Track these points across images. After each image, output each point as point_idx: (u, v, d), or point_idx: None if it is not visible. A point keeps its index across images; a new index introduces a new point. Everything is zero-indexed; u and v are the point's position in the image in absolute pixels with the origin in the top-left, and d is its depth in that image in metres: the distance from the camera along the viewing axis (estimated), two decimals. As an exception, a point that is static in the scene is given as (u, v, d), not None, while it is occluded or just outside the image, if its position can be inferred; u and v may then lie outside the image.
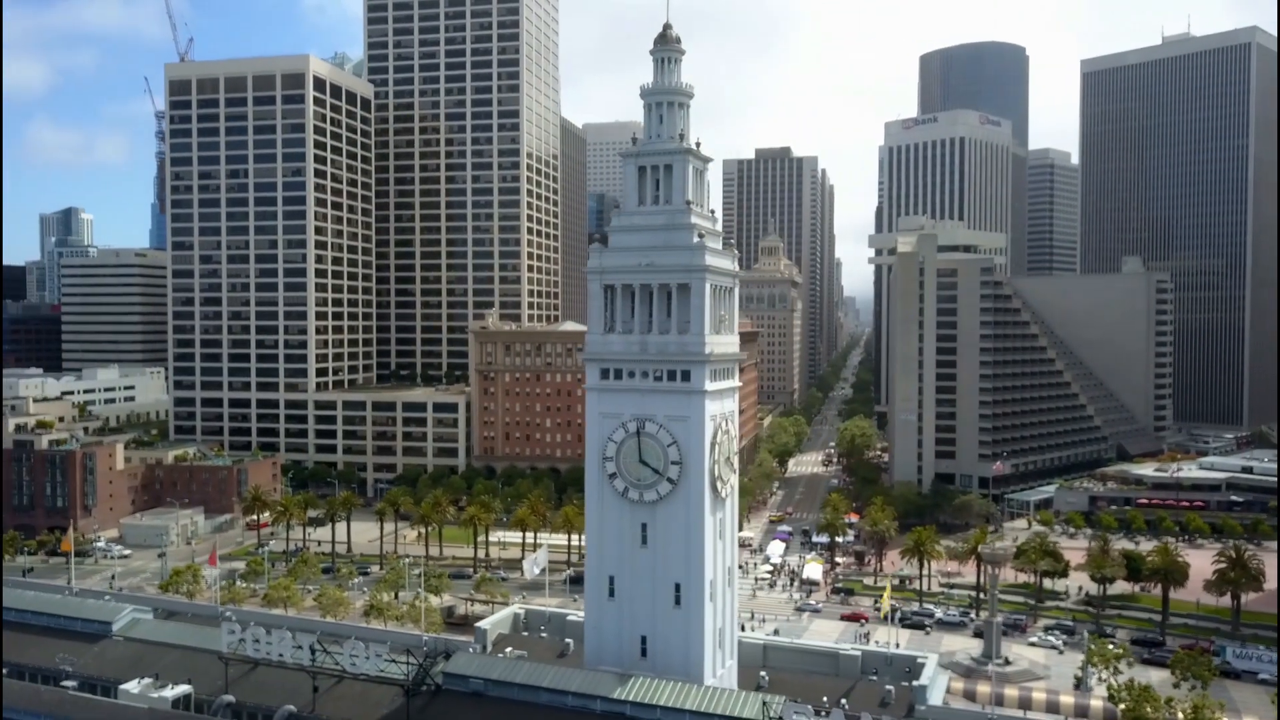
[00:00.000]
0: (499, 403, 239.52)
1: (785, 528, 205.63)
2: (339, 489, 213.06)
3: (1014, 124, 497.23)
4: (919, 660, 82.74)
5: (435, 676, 72.40)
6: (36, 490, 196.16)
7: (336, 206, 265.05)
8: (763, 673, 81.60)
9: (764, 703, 63.31)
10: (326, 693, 72.47)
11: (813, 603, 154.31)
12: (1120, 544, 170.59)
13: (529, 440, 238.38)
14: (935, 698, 77.55)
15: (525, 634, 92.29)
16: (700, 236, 73.61)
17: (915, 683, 76.77)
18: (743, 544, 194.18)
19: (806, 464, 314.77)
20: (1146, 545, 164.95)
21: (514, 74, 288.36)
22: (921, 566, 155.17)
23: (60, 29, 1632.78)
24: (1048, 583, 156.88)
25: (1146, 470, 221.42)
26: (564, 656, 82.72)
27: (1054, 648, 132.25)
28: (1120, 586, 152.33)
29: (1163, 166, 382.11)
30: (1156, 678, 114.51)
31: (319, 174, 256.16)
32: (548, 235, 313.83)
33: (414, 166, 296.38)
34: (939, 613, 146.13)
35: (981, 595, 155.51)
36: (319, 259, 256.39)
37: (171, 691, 72.82)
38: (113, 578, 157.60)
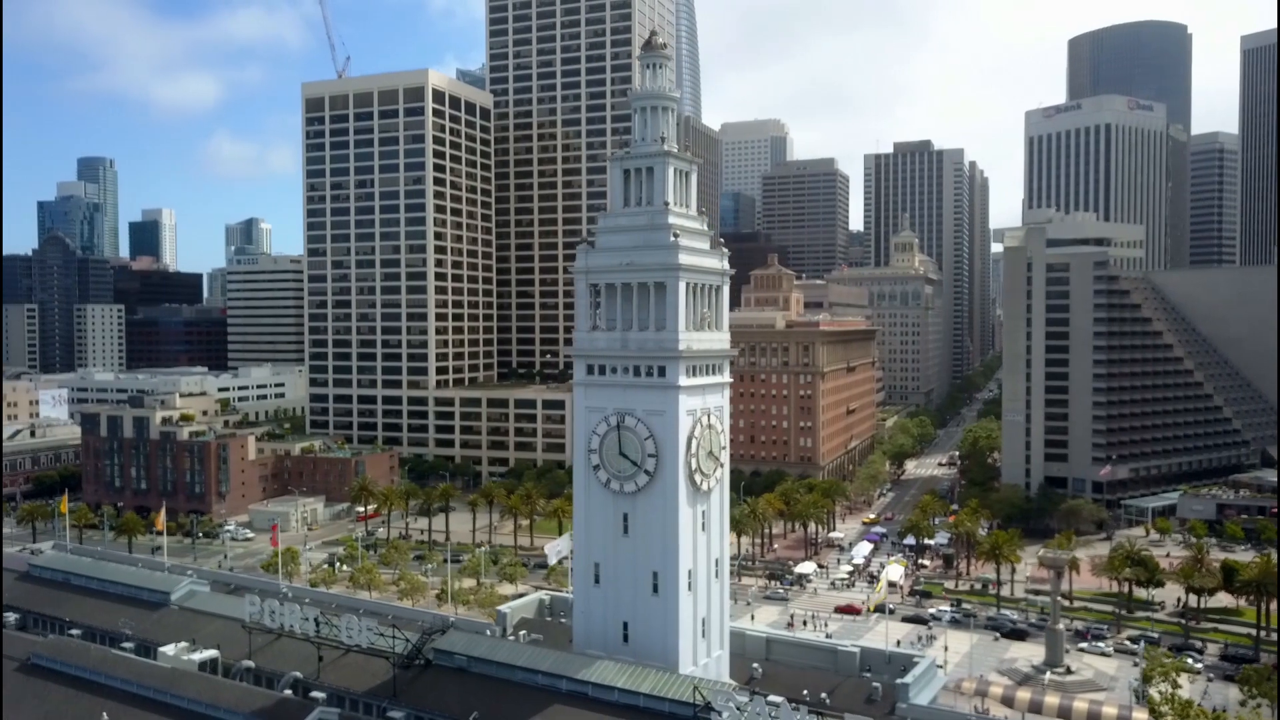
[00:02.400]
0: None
1: (879, 529, 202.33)
2: (451, 481, 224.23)
3: (1175, 107, 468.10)
4: (914, 659, 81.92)
5: (427, 652, 77.43)
6: (178, 477, 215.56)
7: (456, 212, 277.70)
8: (755, 665, 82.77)
9: (694, 688, 65.00)
10: (331, 662, 78.72)
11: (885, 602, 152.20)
12: (1241, 555, 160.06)
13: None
14: (921, 696, 76.83)
15: (549, 619, 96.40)
16: (676, 236, 75.66)
17: (899, 680, 76.28)
18: (831, 544, 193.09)
19: (929, 466, 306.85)
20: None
21: (626, 79, 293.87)
22: (999, 571, 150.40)
23: (215, 43, 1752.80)
24: (1144, 593, 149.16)
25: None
26: (574, 641, 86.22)
27: (1131, 659, 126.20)
28: (1225, 600, 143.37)
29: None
30: (1235, 695, 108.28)
31: (438, 181, 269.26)
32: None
33: (533, 172, 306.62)
34: (957, 614, 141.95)
35: (1068, 602, 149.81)
36: (439, 263, 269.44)
37: (200, 655, 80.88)
38: (225, 556, 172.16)
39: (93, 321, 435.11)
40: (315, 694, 75.45)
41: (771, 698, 71.35)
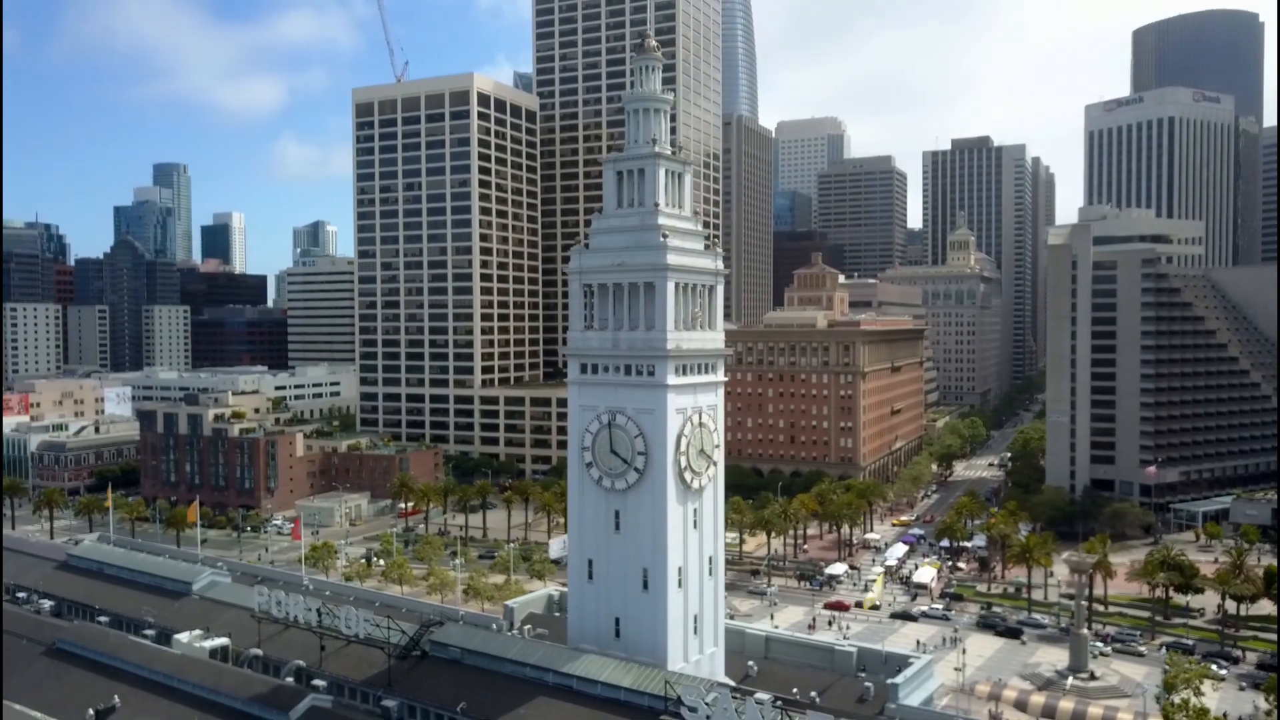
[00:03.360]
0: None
1: (917, 531, 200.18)
2: (494, 479, 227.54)
3: (1246, 100, 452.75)
4: (910, 660, 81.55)
5: (424, 644, 79.48)
6: (229, 472, 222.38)
7: (501, 214, 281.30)
8: (751, 663, 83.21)
9: (666, 682, 65.77)
10: (334, 652, 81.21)
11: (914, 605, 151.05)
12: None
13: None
14: (913, 697, 76.54)
15: (557, 614, 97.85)
16: (665, 237, 76.50)
17: (889, 680, 76.09)
18: (867, 546, 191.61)
19: (978, 468, 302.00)
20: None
21: (670, 80, 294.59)
22: (1029, 574, 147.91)
23: (274, 46, 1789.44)
24: (1184, 599, 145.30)
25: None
26: (568, 636, 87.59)
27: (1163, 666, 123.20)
28: (1269, 606, 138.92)
29: None
30: (1265, 705, 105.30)
31: (484, 184, 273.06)
32: (710, 235, 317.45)
33: (578, 173, 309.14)
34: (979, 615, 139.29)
35: (1103, 607, 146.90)
36: (484, 264, 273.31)
37: (212, 642, 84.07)
38: (265, 550, 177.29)
39: (160, 322, 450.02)
40: (316, 682, 77.94)
41: (759, 695, 72.11)
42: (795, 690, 76.39)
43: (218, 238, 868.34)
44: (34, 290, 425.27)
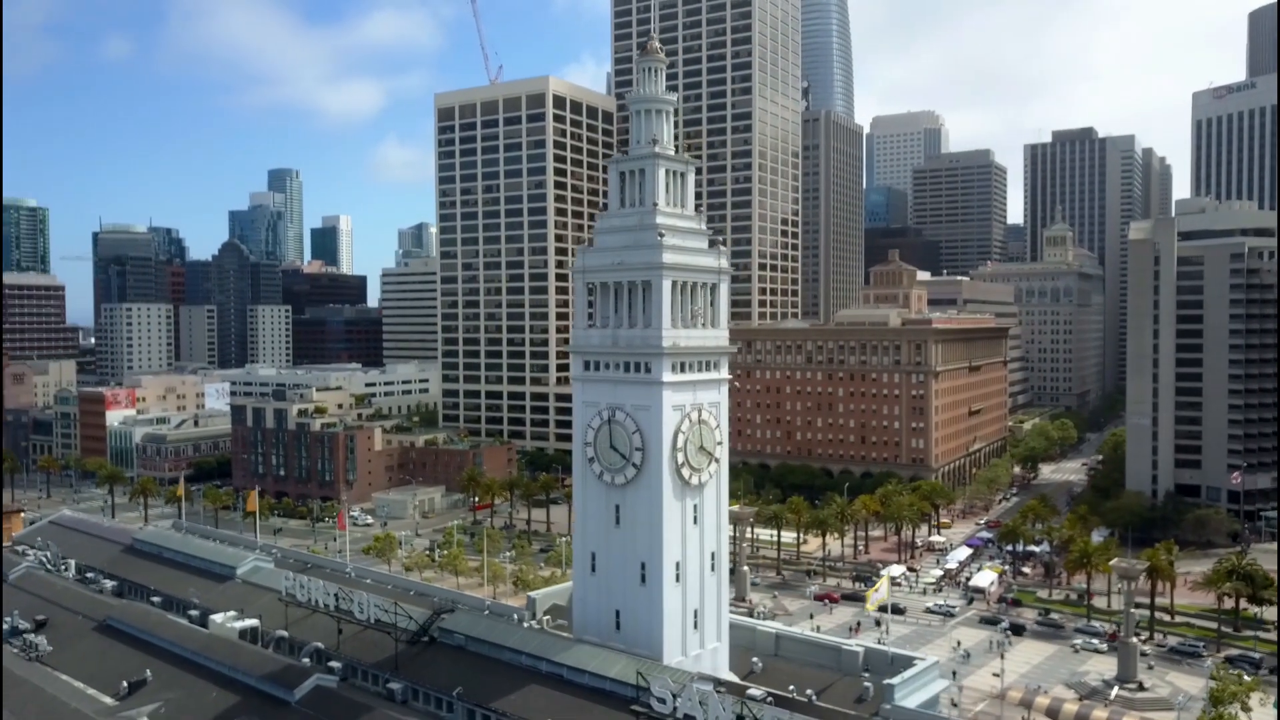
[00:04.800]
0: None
1: (985, 534, 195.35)
2: (564, 475, 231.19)
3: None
4: (914, 661, 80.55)
5: (433, 630, 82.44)
6: (310, 465, 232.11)
7: (577, 214, 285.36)
8: (756, 659, 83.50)
9: (638, 672, 66.85)
10: (351, 635, 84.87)
11: (949, 606, 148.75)
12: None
13: (740, 435, 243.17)
14: (912, 699, 75.64)
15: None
16: (661, 236, 77.46)
17: (885, 681, 75.44)
18: (932, 548, 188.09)
19: (1067, 471, 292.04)
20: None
21: (746, 77, 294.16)
22: (1089, 581, 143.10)
23: (369, 50, 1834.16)
24: (1256, 609, 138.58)
25: None
26: (573, 628, 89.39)
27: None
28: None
29: None
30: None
31: (559, 185, 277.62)
32: (786, 233, 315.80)
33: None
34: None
35: (1169, 616, 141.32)
36: (559, 264, 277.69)
37: (242, 623, 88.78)
38: (334, 539, 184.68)
39: (263, 321, 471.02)
40: (333, 663, 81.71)
41: (752, 690, 72.65)
42: (792, 688, 76.44)
43: (326, 240, 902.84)
44: (147, 291, 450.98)
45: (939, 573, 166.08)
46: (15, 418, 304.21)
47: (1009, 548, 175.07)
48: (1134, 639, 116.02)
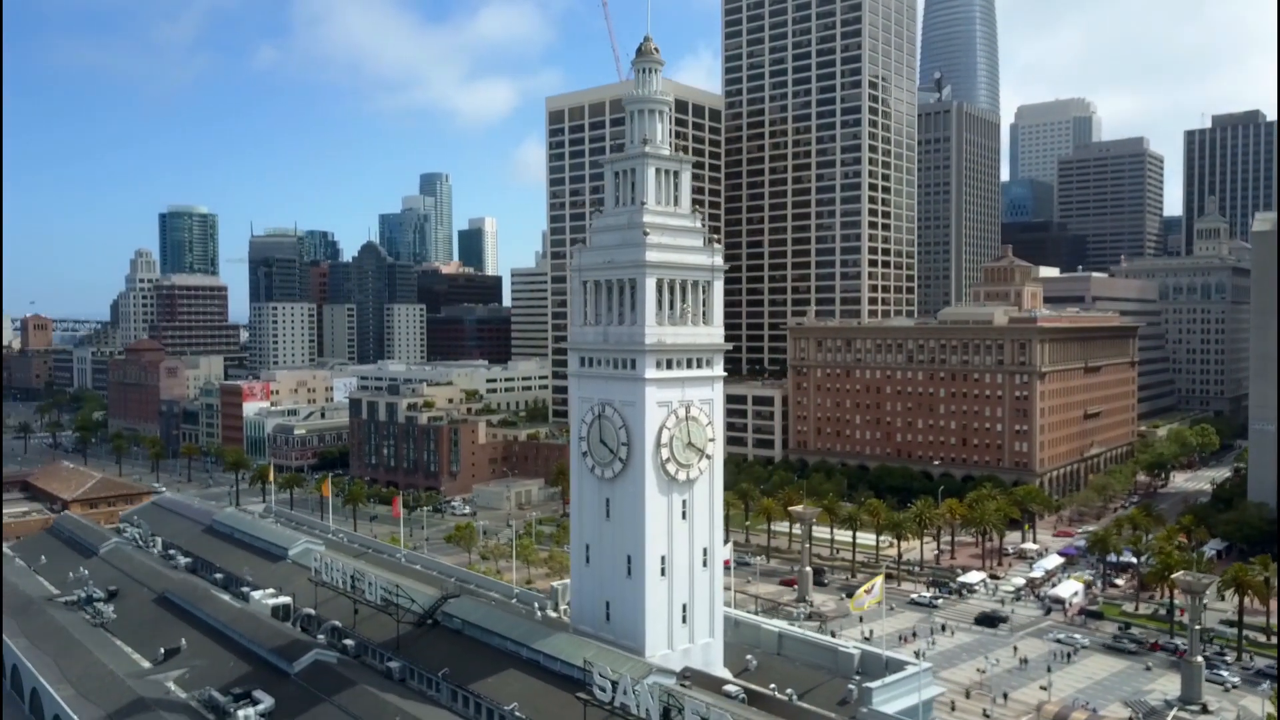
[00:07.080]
0: (810, 398, 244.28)
1: (1081, 542, 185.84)
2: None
3: None
4: (905, 665, 78.88)
5: (438, 614, 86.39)
6: (417, 456, 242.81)
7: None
8: (750, 657, 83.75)
9: (585, 659, 68.26)
10: (367, 616, 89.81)
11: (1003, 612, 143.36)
12: None
13: (839, 436, 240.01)
14: (893, 704, 74.23)
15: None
16: (646, 234, 78.62)
17: (865, 684, 74.30)
18: (1023, 555, 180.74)
19: (1203, 479, 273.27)
20: None
21: (856, 70, 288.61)
22: (1171, 595, 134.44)
23: (491, 49, 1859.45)
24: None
25: None
26: (570, 618, 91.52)
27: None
28: None
29: None
30: None
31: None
32: (900, 229, 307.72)
33: (763, 170, 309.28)
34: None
35: (1265, 636, 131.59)
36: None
37: (275, 600, 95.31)
38: (422, 527, 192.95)
39: (399, 320, 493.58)
40: (347, 640, 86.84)
41: (728, 686, 73.31)
42: (773, 685, 76.48)
43: (472, 242, 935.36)
44: (292, 291, 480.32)
45: (1020, 581, 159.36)
46: (168, 408, 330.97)
47: (1103, 558, 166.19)
48: (1198, 658, 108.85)
